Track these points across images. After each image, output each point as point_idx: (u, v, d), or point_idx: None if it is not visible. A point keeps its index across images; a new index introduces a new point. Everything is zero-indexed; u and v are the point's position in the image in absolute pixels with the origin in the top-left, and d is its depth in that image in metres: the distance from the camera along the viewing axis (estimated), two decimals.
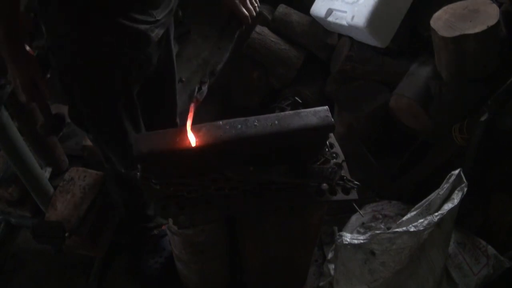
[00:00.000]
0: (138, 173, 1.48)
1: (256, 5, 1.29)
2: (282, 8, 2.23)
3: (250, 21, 1.28)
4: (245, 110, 2.39)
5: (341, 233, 1.36)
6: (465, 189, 1.29)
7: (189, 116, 1.02)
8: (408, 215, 1.42)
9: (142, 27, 1.14)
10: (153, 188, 1.07)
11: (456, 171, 1.34)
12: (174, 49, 1.37)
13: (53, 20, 1.12)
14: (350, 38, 2.02)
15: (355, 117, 1.97)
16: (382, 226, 1.67)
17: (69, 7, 1.06)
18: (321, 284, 1.71)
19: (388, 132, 2.09)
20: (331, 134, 1.17)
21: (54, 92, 1.29)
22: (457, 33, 1.47)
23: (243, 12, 1.24)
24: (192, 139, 0.99)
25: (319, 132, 1.05)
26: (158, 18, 1.18)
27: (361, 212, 1.20)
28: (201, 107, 1.09)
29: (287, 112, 1.06)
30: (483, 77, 1.60)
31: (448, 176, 1.35)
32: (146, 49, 1.22)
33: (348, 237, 1.32)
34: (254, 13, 1.28)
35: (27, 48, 1.15)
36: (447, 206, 1.27)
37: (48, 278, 1.84)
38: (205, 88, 1.10)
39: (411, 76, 1.84)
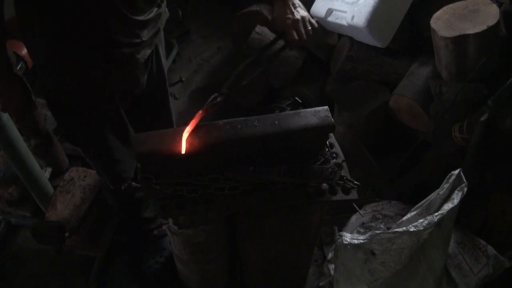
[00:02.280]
0: (128, 187, 1.48)
1: (309, 28, 1.21)
2: None
3: (298, 45, 1.23)
4: (245, 110, 2.39)
5: (341, 233, 1.36)
6: (465, 189, 1.29)
7: (191, 122, 1.00)
8: (408, 215, 1.42)
9: (127, 50, 1.11)
10: (153, 188, 1.07)
11: (456, 171, 1.34)
12: (174, 50, 1.37)
13: (36, 46, 1.11)
14: (350, 38, 2.02)
15: (355, 117, 1.97)
16: (382, 226, 1.67)
17: (50, 33, 1.04)
18: (321, 284, 1.71)
19: (388, 132, 2.09)
20: (331, 134, 1.17)
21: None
22: (457, 33, 1.47)
23: (292, 36, 1.18)
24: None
25: (319, 132, 1.05)
26: (145, 39, 1.14)
27: (361, 212, 1.20)
28: (201, 107, 1.08)
29: (287, 112, 1.06)
30: (483, 77, 1.60)
31: (448, 176, 1.35)
32: (132, 70, 1.19)
33: (348, 237, 1.32)
34: (305, 38, 1.21)
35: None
36: (447, 206, 1.27)
37: (48, 278, 1.84)
38: (220, 100, 1.06)
39: (411, 76, 1.84)
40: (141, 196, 1.59)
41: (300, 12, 1.21)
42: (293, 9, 1.20)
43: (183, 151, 0.98)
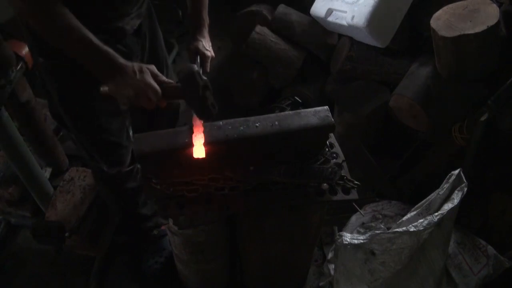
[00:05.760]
0: (121, 171, 1.47)
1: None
2: (282, 8, 2.23)
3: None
4: (245, 110, 2.39)
5: (341, 233, 1.36)
6: (465, 189, 1.29)
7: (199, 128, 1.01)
8: (408, 215, 1.42)
9: (114, 25, 1.18)
10: (153, 188, 1.07)
11: (456, 171, 1.34)
12: (174, 50, 1.37)
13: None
14: (350, 38, 2.02)
15: (355, 117, 1.97)
16: (382, 226, 1.67)
17: None
18: (321, 284, 1.71)
19: (388, 132, 2.09)
20: (331, 134, 1.17)
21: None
22: (457, 33, 1.47)
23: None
24: (193, 139, 1.00)
25: (319, 132, 1.06)
26: (132, 12, 1.21)
27: (361, 212, 1.20)
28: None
29: (287, 112, 1.06)
30: (483, 77, 1.60)
31: (448, 176, 1.35)
32: (123, 40, 1.24)
33: (348, 237, 1.32)
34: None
35: None
36: (447, 206, 1.27)
37: (48, 278, 1.84)
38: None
39: (411, 76, 1.84)
40: (133, 188, 1.58)
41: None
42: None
43: (194, 145, 0.98)
